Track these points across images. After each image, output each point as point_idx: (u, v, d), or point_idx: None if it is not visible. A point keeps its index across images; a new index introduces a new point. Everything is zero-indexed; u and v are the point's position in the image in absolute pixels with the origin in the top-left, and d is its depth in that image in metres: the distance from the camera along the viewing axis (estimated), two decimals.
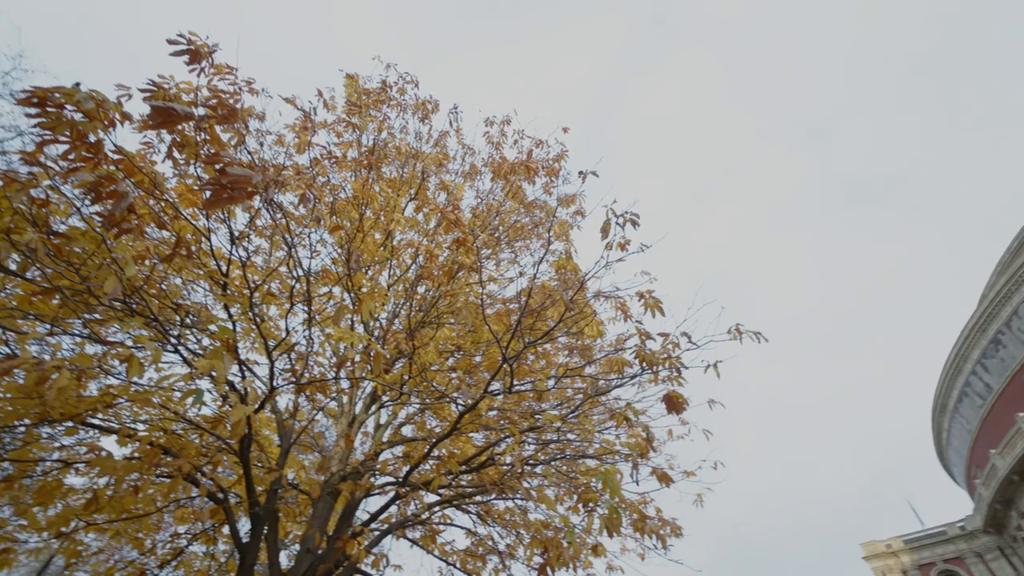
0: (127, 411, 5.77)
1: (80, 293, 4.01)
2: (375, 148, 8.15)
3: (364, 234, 6.98)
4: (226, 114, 4.20)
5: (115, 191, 3.46)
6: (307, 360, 6.32)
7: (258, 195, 3.76)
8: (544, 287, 6.52)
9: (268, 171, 6.44)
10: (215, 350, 3.72)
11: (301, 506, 6.74)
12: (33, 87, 3.38)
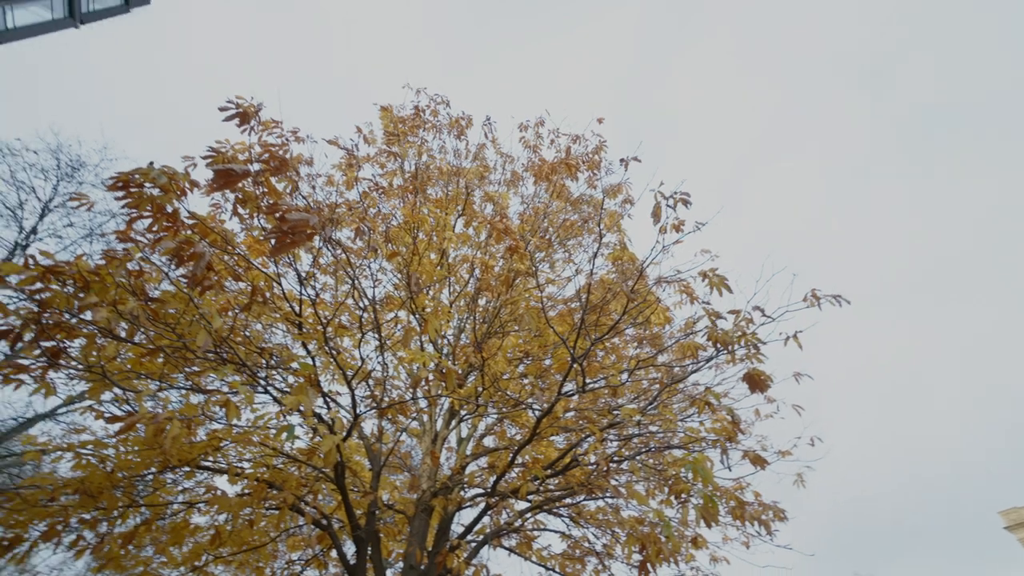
0: (233, 452, 6.25)
1: (178, 350, 4.39)
2: (418, 172, 8.40)
3: (420, 256, 7.19)
4: (278, 166, 4.47)
5: (194, 253, 3.77)
6: (385, 384, 6.58)
7: (317, 235, 3.98)
8: (603, 281, 6.44)
9: (323, 211, 6.80)
10: (299, 386, 3.96)
11: (399, 525, 6.99)
12: (117, 173, 3.77)
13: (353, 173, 7.94)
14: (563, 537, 6.72)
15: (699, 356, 4.86)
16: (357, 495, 6.12)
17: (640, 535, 4.22)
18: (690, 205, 4.07)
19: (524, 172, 8.49)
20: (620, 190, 7.03)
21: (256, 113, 4.74)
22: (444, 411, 7.51)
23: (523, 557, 6.49)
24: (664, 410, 5.25)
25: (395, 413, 6.92)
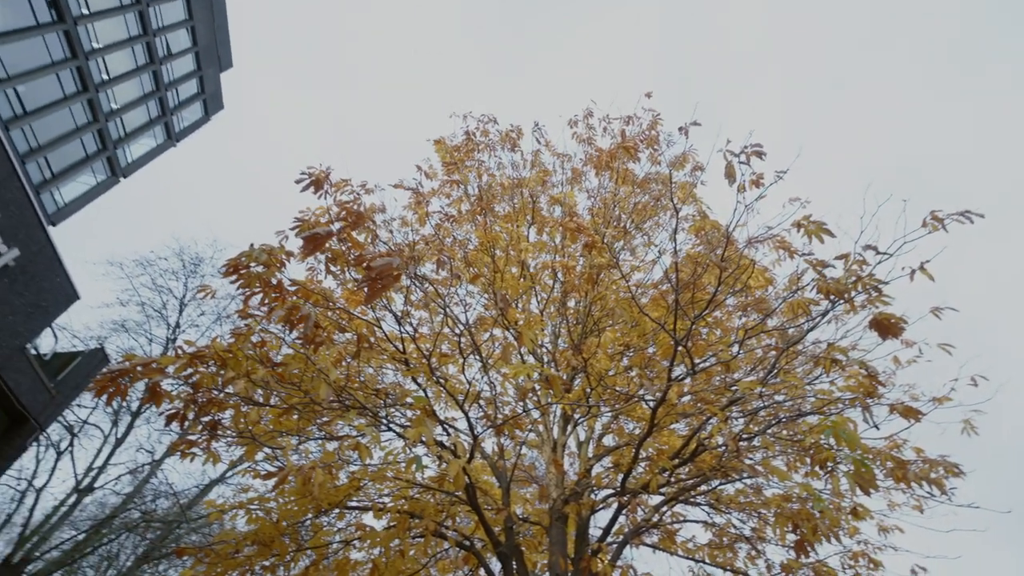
0: (373, 489, 6.72)
1: (307, 405, 4.83)
2: (482, 193, 8.63)
3: (501, 273, 7.35)
4: (355, 220, 4.80)
5: (302, 316, 4.15)
6: (495, 402, 6.76)
7: (403, 275, 4.22)
8: (690, 256, 6.15)
9: (404, 252, 7.19)
10: (418, 419, 4.18)
11: (538, 537, 7.08)
12: (227, 260, 4.27)
13: (423, 210, 8.33)
14: (706, 526, 6.41)
15: (812, 312, 4.45)
16: (492, 513, 6.30)
17: (790, 513, 3.92)
18: (765, 156, 3.79)
19: (583, 167, 8.40)
20: (686, 159, 6.71)
21: (327, 177, 5.16)
22: (558, 418, 7.54)
23: (668, 552, 6.28)
24: (787, 376, 4.86)
25: (511, 428, 7.06)
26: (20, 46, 19.40)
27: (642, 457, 6.40)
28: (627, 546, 5.49)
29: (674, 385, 4.75)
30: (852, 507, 4.84)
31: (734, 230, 4.43)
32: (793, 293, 4.55)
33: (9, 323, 7.99)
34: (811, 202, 4.53)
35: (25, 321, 8.29)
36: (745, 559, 6.28)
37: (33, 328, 8.50)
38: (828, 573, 5.28)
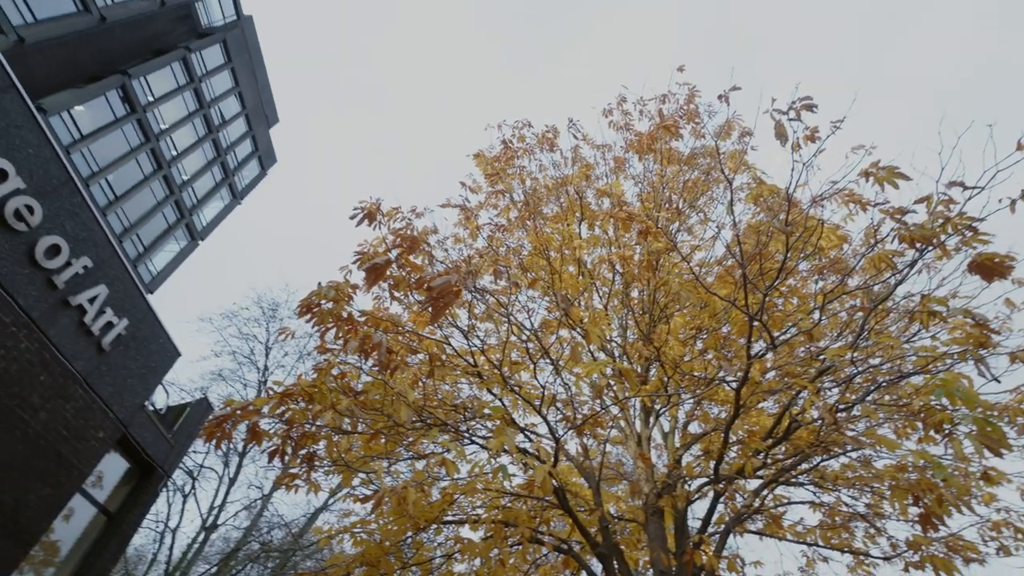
0: (466, 502, 6.87)
1: (391, 428, 5.03)
2: (528, 198, 8.66)
3: (559, 274, 7.32)
4: (410, 245, 4.97)
5: (374, 344, 4.34)
6: (572, 403, 6.72)
7: (463, 290, 4.32)
8: (751, 227, 5.86)
9: (460, 268, 7.35)
10: (498, 428, 4.24)
11: (635, 534, 6.94)
12: (300, 301, 4.55)
13: (473, 224, 8.47)
14: (813, 507, 6.01)
15: (898, 265, 4.09)
16: (585, 514, 6.25)
17: (907, 485, 3.60)
18: (816, 109, 3.55)
19: (625, 154, 8.22)
20: (731, 127, 6.40)
21: (378, 209, 5.38)
22: (638, 412, 7.38)
23: (776, 538, 5.94)
24: (880, 337, 4.49)
25: (591, 427, 6.99)
26: (104, 141, 21.74)
27: (732, 441, 6.12)
28: (730, 535, 5.26)
29: (755, 362, 4.52)
30: (982, 472, 4.38)
31: (795, 192, 4.17)
32: (872, 248, 4.21)
33: (129, 385, 8.90)
34: (877, 147, 4.18)
35: (141, 382, 9.21)
36: (864, 538, 5.83)
37: (148, 387, 9.42)
38: (966, 548, 4.79)
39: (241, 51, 31.05)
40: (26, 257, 6.85)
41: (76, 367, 7.79)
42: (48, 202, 7.04)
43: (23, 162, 6.66)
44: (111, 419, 8.62)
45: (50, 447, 7.49)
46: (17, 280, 6.78)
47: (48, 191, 7.05)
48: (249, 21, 32.29)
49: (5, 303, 6.63)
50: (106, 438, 8.58)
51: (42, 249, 6.97)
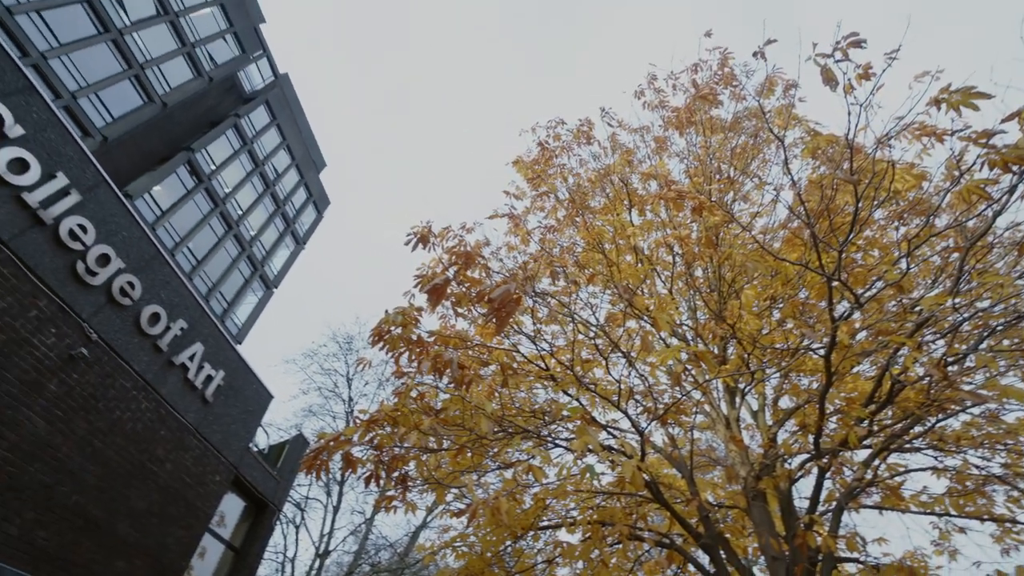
0: (559, 506, 6.87)
1: (475, 441, 5.14)
2: (573, 195, 8.61)
3: (616, 265, 7.21)
4: (465, 260, 5.08)
5: (446, 362, 4.46)
6: (652, 393, 6.57)
7: (523, 296, 4.35)
8: (813, 182, 5.51)
9: (518, 275, 7.40)
10: (579, 428, 4.22)
11: (739, 520, 6.64)
12: (371, 330, 4.75)
13: (522, 230, 8.53)
14: (936, 473, 5.48)
15: (993, 194, 3.68)
16: (682, 505, 6.07)
17: None
18: (865, 44, 3.30)
19: (664, 132, 7.99)
20: (773, 83, 6.06)
21: (429, 231, 5.55)
22: (722, 394, 7.09)
23: (898, 511, 5.48)
24: (985, 276, 4.06)
25: (674, 416, 6.79)
26: (181, 213, 23.87)
27: (829, 411, 5.74)
28: (844, 512, 4.91)
29: (841, 325, 4.22)
30: None
31: (855, 137, 3.88)
32: (957, 181, 3.83)
33: (233, 431, 9.65)
34: (944, 71, 3.81)
35: (243, 426, 9.96)
36: (1006, 503, 5.24)
37: (249, 430, 10.18)
38: None
39: (283, 107, 33.13)
40: (134, 327, 7.62)
41: (188, 419, 8.56)
42: (144, 276, 7.82)
43: (120, 244, 7.45)
44: (224, 463, 9.38)
45: (178, 493, 8.25)
46: (130, 348, 7.56)
47: (142, 266, 7.82)
48: (286, 79, 34.44)
49: (124, 370, 7.41)
50: (222, 481, 9.34)
51: (146, 318, 7.74)
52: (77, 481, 6.63)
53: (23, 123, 6.25)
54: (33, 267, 6.25)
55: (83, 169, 6.97)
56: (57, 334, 6.50)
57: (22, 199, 6.14)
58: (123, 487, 7.28)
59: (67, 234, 6.62)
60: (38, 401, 6.23)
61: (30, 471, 6.09)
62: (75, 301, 6.75)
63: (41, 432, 6.24)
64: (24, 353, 6.10)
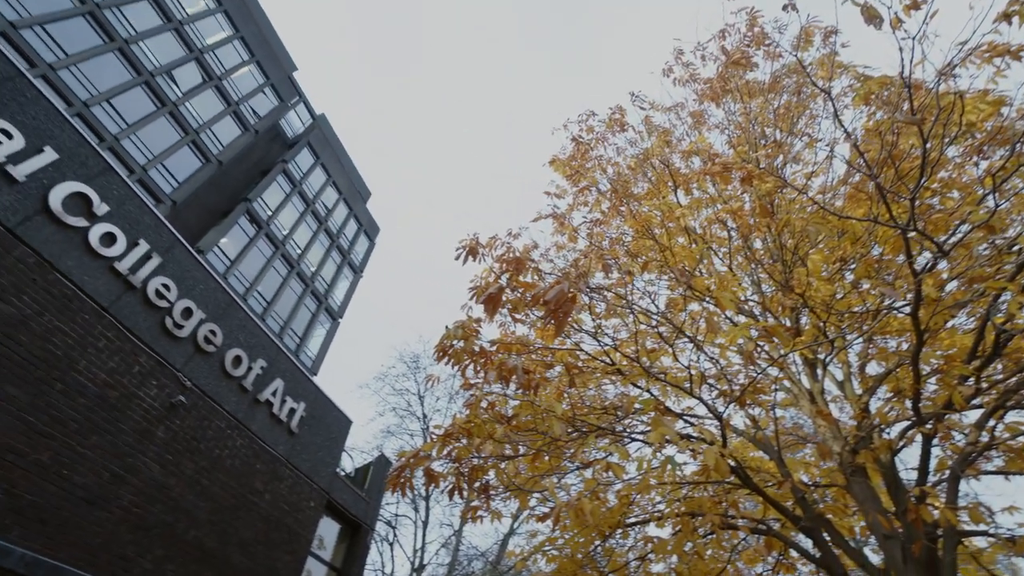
0: (644, 500, 6.74)
1: (549, 444, 5.14)
2: (614, 185, 8.47)
3: (669, 249, 7.02)
4: (515, 267, 5.12)
5: (510, 369, 4.50)
6: (725, 376, 6.32)
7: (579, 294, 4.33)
8: (871, 130, 5.14)
9: (570, 274, 7.36)
10: (654, 420, 4.14)
11: (840, 499, 6.25)
12: (435, 347, 4.88)
13: (568, 228, 8.49)
14: None
15: None
16: (774, 488, 5.79)
17: None
18: None
19: (700, 106, 7.71)
20: (809, 34, 5.71)
21: (477, 243, 5.63)
22: (801, 367, 6.72)
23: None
24: None
25: (752, 396, 6.51)
26: (247, 260, 25.52)
27: (926, 372, 5.29)
28: (960, 480, 4.51)
29: (925, 278, 3.90)
30: None
31: (911, 74, 3.59)
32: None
33: (320, 458, 10.16)
34: None
35: (328, 453, 10.47)
36: None
37: (334, 456, 10.68)
38: None
39: (324, 146, 34.76)
40: (221, 371, 8.22)
41: (279, 451, 9.09)
42: (223, 323, 8.41)
43: (199, 297, 8.06)
44: (316, 489, 9.89)
45: (279, 521, 8.78)
46: (220, 391, 8.14)
47: (221, 314, 8.42)
48: (323, 119, 36.15)
49: (217, 412, 8.00)
50: (317, 506, 9.85)
51: (229, 361, 8.32)
52: (192, 517, 7.20)
53: (107, 201, 6.92)
54: (131, 328, 6.88)
55: (159, 233, 7.62)
56: (158, 385, 7.11)
57: (115, 268, 6.79)
58: (231, 519, 7.83)
59: (154, 294, 7.25)
60: (151, 448, 6.83)
61: (153, 511, 6.68)
62: (168, 353, 7.36)
63: (157, 475, 6.83)
64: (134, 405, 6.72)
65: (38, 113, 6.41)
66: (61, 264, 6.20)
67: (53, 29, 18.77)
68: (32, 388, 5.66)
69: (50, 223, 6.21)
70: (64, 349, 6.05)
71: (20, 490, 5.38)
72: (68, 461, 5.85)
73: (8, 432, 5.38)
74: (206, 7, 27.02)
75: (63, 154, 6.54)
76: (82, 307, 6.34)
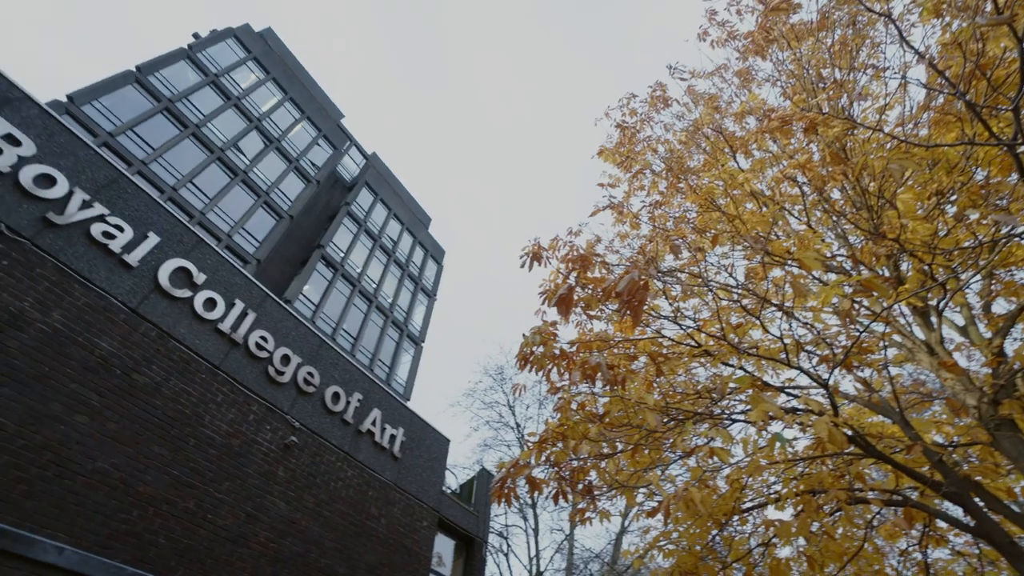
0: (757, 483, 6.39)
1: (646, 436, 5.03)
2: (668, 163, 8.22)
3: (738, 218, 6.68)
4: (582, 263, 5.08)
5: (593, 366, 4.47)
6: (824, 340, 5.89)
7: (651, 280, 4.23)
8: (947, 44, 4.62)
9: (638, 261, 7.20)
10: (753, 397, 3.94)
11: (988, 458, 5.57)
12: (516, 355, 4.94)
13: (629, 215, 8.32)
14: None
15: None
16: (903, 454, 5.29)
17: None
18: None
19: (744, 63, 7.30)
20: None
21: (539, 247, 5.66)
22: (910, 318, 6.12)
23: None
24: None
25: (859, 357, 6.01)
26: (330, 302, 27.24)
27: None
28: None
29: None
30: None
31: None
32: None
33: (426, 479, 10.56)
34: None
35: (432, 473, 10.86)
36: None
37: (438, 475, 11.06)
38: None
39: (381, 183, 36.47)
40: (323, 409, 8.80)
41: (386, 477, 9.56)
42: (318, 364, 9.01)
43: (293, 343, 8.70)
44: (426, 509, 10.28)
45: (397, 543, 9.20)
46: (325, 426, 8.71)
47: (314, 356, 9.03)
48: (375, 157, 37.99)
49: (326, 447, 8.56)
50: (430, 525, 10.22)
51: (329, 398, 8.90)
52: (321, 547, 7.73)
53: (204, 270, 7.69)
54: (241, 380, 7.56)
55: (251, 291, 8.33)
56: (271, 429, 7.75)
57: (219, 329, 7.51)
58: (354, 545, 8.32)
59: (255, 346, 7.92)
60: (275, 487, 7.43)
61: (286, 544, 7.26)
62: (275, 399, 8.00)
63: (284, 511, 7.42)
64: (255, 450, 7.36)
65: (139, 205, 7.26)
66: (176, 332, 6.96)
67: (141, 130, 21.22)
68: (171, 445, 6.37)
69: (163, 298, 6.99)
70: (191, 407, 6.75)
71: (177, 535, 6.05)
72: (210, 506, 6.50)
73: (160, 486, 6.08)
74: (257, 79, 29.39)
75: (163, 236, 7.35)
76: (199, 368, 7.05)
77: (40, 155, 6.35)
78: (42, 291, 5.79)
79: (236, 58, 28.33)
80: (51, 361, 5.62)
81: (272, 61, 30.87)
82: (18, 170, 6.06)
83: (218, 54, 27.15)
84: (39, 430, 5.30)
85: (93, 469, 5.58)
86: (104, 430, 5.80)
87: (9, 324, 5.42)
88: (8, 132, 6.12)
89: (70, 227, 6.33)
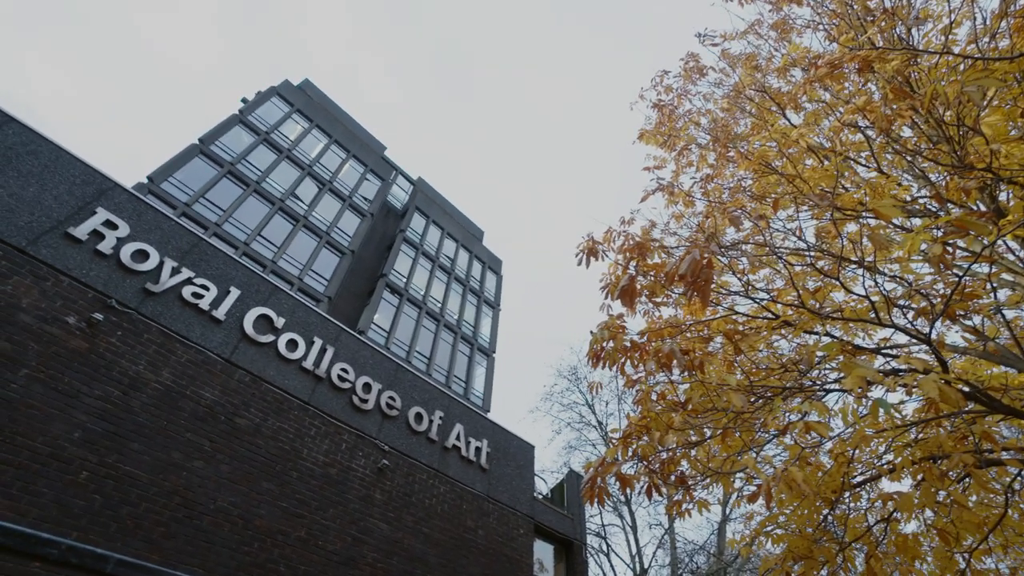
0: (868, 455, 5.93)
1: (733, 419, 4.83)
2: (713, 133, 7.90)
3: (798, 176, 6.30)
4: (640, 251, 4.99)
5: (667, 354, 4.36)
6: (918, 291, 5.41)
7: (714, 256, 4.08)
8: None
9: (698, 239, 6.95)
10: (845, 363, 3.69)
11: None
12: (586, 353, 4.91)
13: (680, 193, 8.06)
14: None
15: None
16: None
17: None
18: None
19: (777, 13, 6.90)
20: None
21: (593, 241, 5.61)
22: (1021, 252, 5.49)
23: None
24: None
25: (962, 305, 5.47)
26: (400, 327, 28.30)
27: None
28: None
29: None
30: None
31: None
32: None
33: (515, 486, 10.66)
34: None
35: (521, 480, 10.94)
36: None
37: (527, 482, 11.12)
38: None
39: (431, 205, 37.53)
40: (408, 430, 9.12)
41: (478, 489, 9.74)
42: (397, 388, 9.37)
43: (372, 371, 9.10)
44: (521, 516, 10.36)
45: (498, 552, 9.33)
46: (412, 447, 9.02)
47: (393, 381, 9.39)
48: (422, 182, 39.19)
49: (416, 466, 8.86)
50: (526, 532, 10.29)
51: (412, 419, 9.21)
52: (426, 564, 7.99)
53: (282, 314, 8.23)
54: (330, 412, 8.00)
55: (326, 328, 8.81)
56: (364, 455, 8.12)
57: (303, 367, 8.00)
58: (457, 559, 8.53)
59: (337, 379, 8.36)
60: (374, 509, 7.78)
61: (392, 563, 7.56)
62: (363, 426, 8.39)
63: (387, 532, 7.74)
64: (351, 477, 7.75)
65: (218, 263, 7.92)
66: (267, 375, 7.49)
67: (211, 195, 23.15)
68: (278, 479, 6.84)
69: (250, 345, 7.55)
70: (289, 443, 7.23)
71: (295, 563, 6.48)
72: (319, 533, 6.91)
73: (273, 518, 6.54)
74: (303, 129, 31.25)
75: (243, 288, 7.96)
76: (291, 406, 7.54)
77: (133, 233, 7.09)
78: (151, 353, 6.44)
79: (282, 113, 30.28)
80: (167, 415, 6.22)
81: (313, 109, 32.71)
82: (119, 250, 6.80)
83: (266, 113, 29.15)
84: (167, 477, 5.88)
85: (216, 508, 6.10)
86: (219, 472, 6.33)
87: (130, 387, 6.07)
88: (107, 219, 6.89)
89: (165, 293, 7.00)
